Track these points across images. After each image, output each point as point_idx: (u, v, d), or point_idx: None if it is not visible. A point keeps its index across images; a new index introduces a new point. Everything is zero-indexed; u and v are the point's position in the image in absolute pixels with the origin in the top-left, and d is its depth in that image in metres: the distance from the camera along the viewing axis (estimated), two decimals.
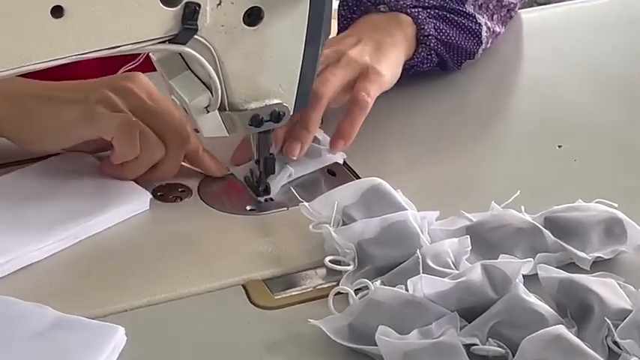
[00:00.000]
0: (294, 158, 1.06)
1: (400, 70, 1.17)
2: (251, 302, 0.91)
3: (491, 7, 1.28)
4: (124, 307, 0.90)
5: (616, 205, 0.99)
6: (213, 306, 0.91)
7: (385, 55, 1.14)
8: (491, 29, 1.28)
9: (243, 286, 0.93)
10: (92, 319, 0.86)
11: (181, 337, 0.87)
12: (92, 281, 0.93)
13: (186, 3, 0.87)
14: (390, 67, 1.14)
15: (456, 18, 1.24)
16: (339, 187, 1.01)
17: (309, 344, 0.86)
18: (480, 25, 1.26)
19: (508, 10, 1.33)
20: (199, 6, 0.88)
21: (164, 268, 0.95)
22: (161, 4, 0.87)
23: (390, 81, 1.14)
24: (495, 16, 1.29)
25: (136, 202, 1.02)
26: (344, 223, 0.98)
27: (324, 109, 1.07)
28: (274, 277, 0.94)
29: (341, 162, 1.09)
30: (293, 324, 0.88)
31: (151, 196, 1.03)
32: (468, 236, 0.94)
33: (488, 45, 1.29)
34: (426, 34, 1.21)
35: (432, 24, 1.21)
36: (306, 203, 0.99)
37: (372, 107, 1.10)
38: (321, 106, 1.07)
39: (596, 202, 0.99)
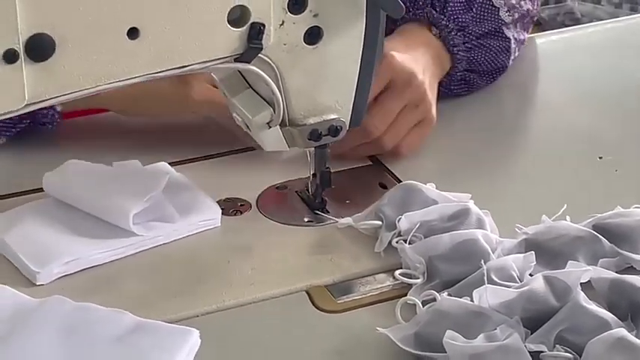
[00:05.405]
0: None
1: None
2: (315, 307, 0.96)
3: (516, 16, 1.32)
4: (195, 313, 0.94)
5: None
6: (279, 310, 0.95)
7: (434, 97, 1.20)
8: (517, 39, 1.33)
9: (307, 292, 0.98)
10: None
11: (251, 340, 0.92)
12: (163, 289, 0.98)
13: (252, 23, 0.92)
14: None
15: (489, 42, 1.29)
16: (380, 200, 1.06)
17: (375, 348, 0.90)
18: (509, 39, 1.30)
19: (531, 17, 1.37)
20: (264, 26, 0.93)
21: (230, 276, 0.99)
22: (228, 25, 0.92)
23: None
24: (519, 24, 1.34)
25: (207, 215, 1.06)
26: (381, 220, 1.03)
27: None
28: (335, 283, 0.99)
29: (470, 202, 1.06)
30: (357, 327, 0.93)
31: (220, 211, 1.07)
32: (533, 252, 0.96)
33: (516, 54, 1.34)
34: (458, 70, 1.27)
35: (465, 59, 1.27)
36: (350, 218, 1.05)
37: None
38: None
39: (635, 208, 1.03)
